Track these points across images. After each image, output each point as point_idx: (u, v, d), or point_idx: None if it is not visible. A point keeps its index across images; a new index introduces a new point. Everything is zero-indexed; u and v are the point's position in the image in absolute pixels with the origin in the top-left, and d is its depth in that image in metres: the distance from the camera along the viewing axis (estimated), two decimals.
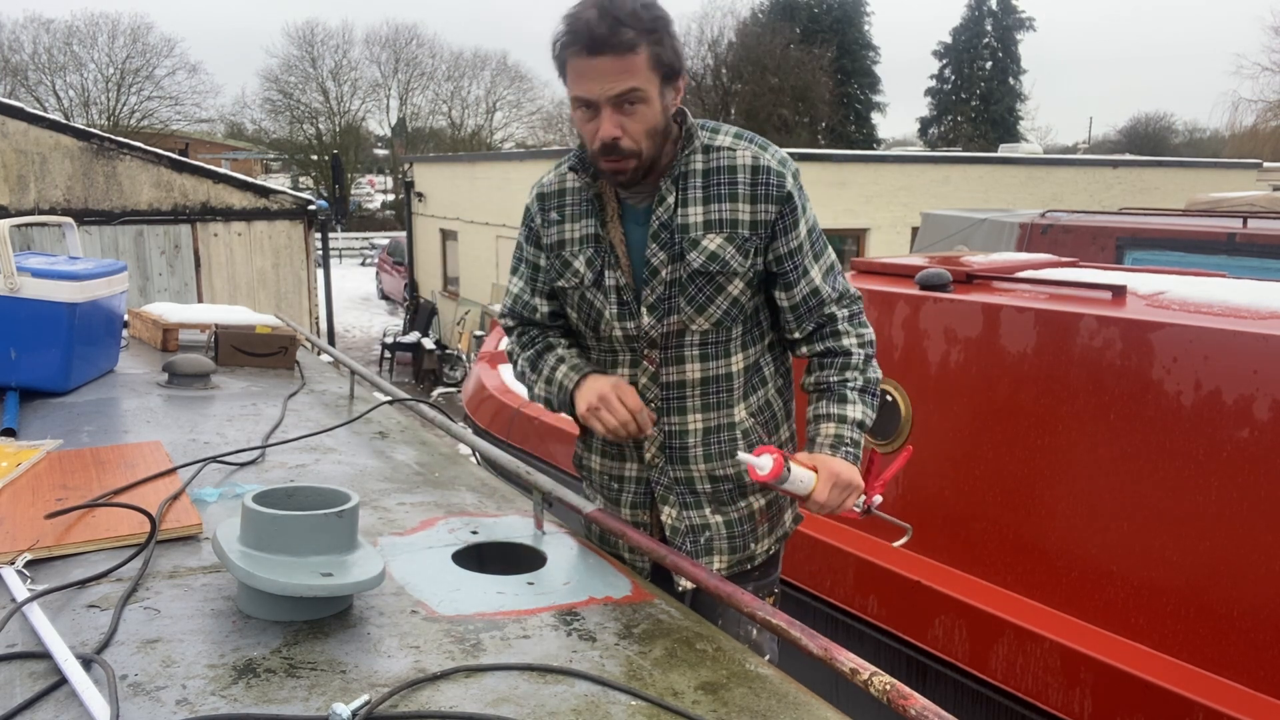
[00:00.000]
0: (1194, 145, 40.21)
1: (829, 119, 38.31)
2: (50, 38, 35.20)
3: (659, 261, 1.81)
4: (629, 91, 1.67)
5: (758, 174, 1.79)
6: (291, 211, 10.83)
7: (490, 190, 15.48)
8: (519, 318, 2.05)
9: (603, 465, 2.02)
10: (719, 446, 1.90)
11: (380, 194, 43.35)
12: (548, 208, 1.93)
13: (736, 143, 1.81)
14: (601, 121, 1.69)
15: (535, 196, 1.96)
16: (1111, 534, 2.46)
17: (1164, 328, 2.40)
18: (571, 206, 1.90)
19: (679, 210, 1.80)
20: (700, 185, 1.80)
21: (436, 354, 15.10)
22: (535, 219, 1.95)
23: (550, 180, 1.95)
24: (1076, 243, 6.08)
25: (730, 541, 1.94)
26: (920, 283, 3.06)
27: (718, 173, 1.79)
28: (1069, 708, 2.40)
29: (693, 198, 1.80)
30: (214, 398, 3.00)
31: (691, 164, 1.80)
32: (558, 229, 1.91)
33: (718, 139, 1.82)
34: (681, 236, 1.79)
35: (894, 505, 2.98)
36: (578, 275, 1.88)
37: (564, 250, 1.90)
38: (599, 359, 1.96)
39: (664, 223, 1.80)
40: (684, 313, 1.82)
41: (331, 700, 1.24)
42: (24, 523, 1.77)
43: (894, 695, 1.17)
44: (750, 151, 1.80)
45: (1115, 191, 14.71)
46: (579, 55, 1.65)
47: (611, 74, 1.65)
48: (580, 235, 1.88)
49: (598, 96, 1.67)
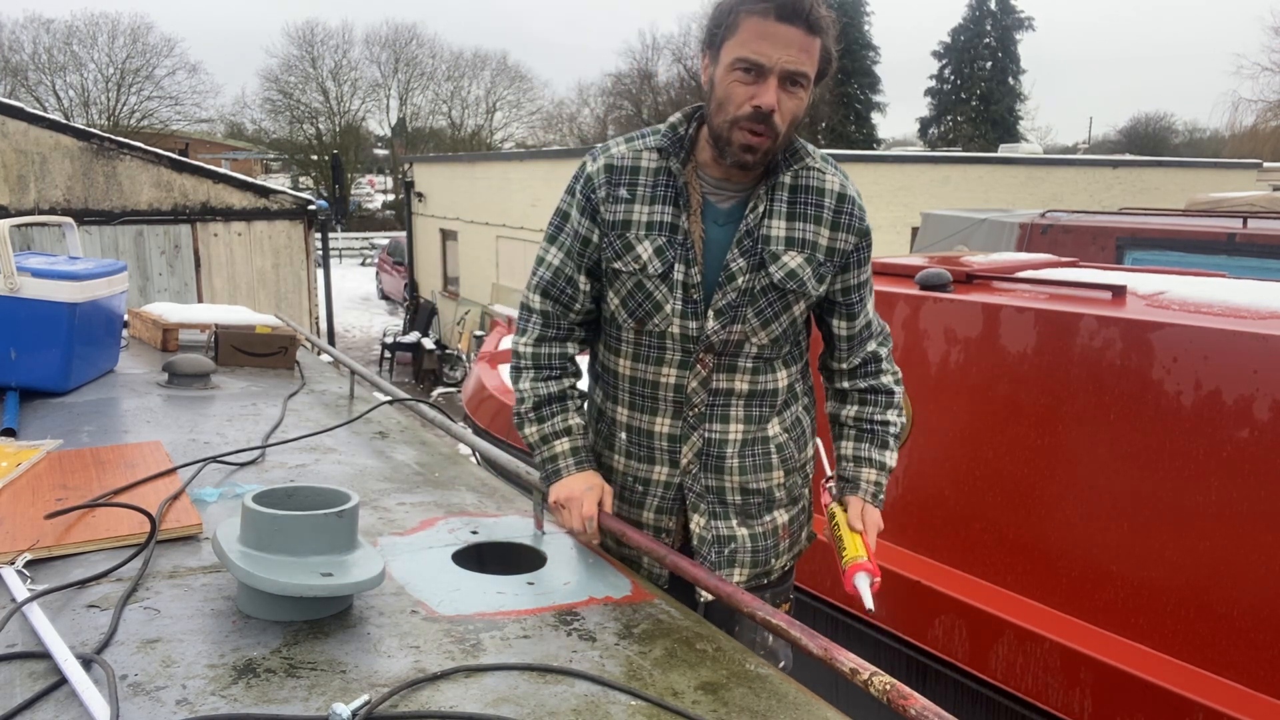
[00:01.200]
0: (1194, 145, 40.22)
1: (829, 119, 38.31)
2: (50, 38, 35.27)
3: (738, 268, 1.75)
4: (801, 74, 1.63)
5: (843, 202, 1.78)
6: (291, 211, 10.83)
7: (490, 190, 15.48)
8: (554, 300, 1.87)
9: (627, 466, 1.92)
10: (754, 459, 1.88)
11: (380, 194, 43.36)
12: (616, 182, 1.79)
13: (825, 166, 1.81)
14: (767, 88, 1.62)
15: (602, 166, 1.81)
16: (1111, 534, 2.45)
17: (1164, 328, 2.40)
18: (645, 188, 1.78)
19: (766, 220, 1.76)
20: (786, 200, 1.77)
21: (436, 354, 15.11)
22: (598, 190, 1.79)
23: (623, 153, 1.81)
24: (1076, 243, 6.08)
25: (753, 555, 1.93)
26: (920, 283, 3.06)
27: (805, 191, 1.77)
28: (1069, 708, 2.40)
29: (779, 210, 1.76)
30: (214, 398, 3.00)
31: (782, 176, 1.77)
32: (625, 207, 1.78)
33: (808, 159, 1.80)
34: (764, 248, 1.75)
35: (894, 505, 2.98)
36: (639, 262, 1.77)
37: (628, 231, 1.78)
38: (635, 354, 1.86)
39: (750, 230, 1.75)
40: (749, 324, 1.78)
41: (331, 700, 1.24)
42: (24, 523, 1.77)
43: (894, 695, 1.17)
44: (838, 179, 1.80)
45: (1115, 191, 14.71)
46: (765, 16, 1.59)
47: (795, 46, 1.61)
48: (651, 220, 1.77)
49: (774, 64, 1.61)
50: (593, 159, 1.84)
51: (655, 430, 1.87)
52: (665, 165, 1.78)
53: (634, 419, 1.90)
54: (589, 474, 1.86)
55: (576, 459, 1.86)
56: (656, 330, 1.81)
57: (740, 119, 1.64)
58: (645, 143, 1.82)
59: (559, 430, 1.87)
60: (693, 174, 1.78)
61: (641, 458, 1.90)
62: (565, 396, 1.90)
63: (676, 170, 1.77)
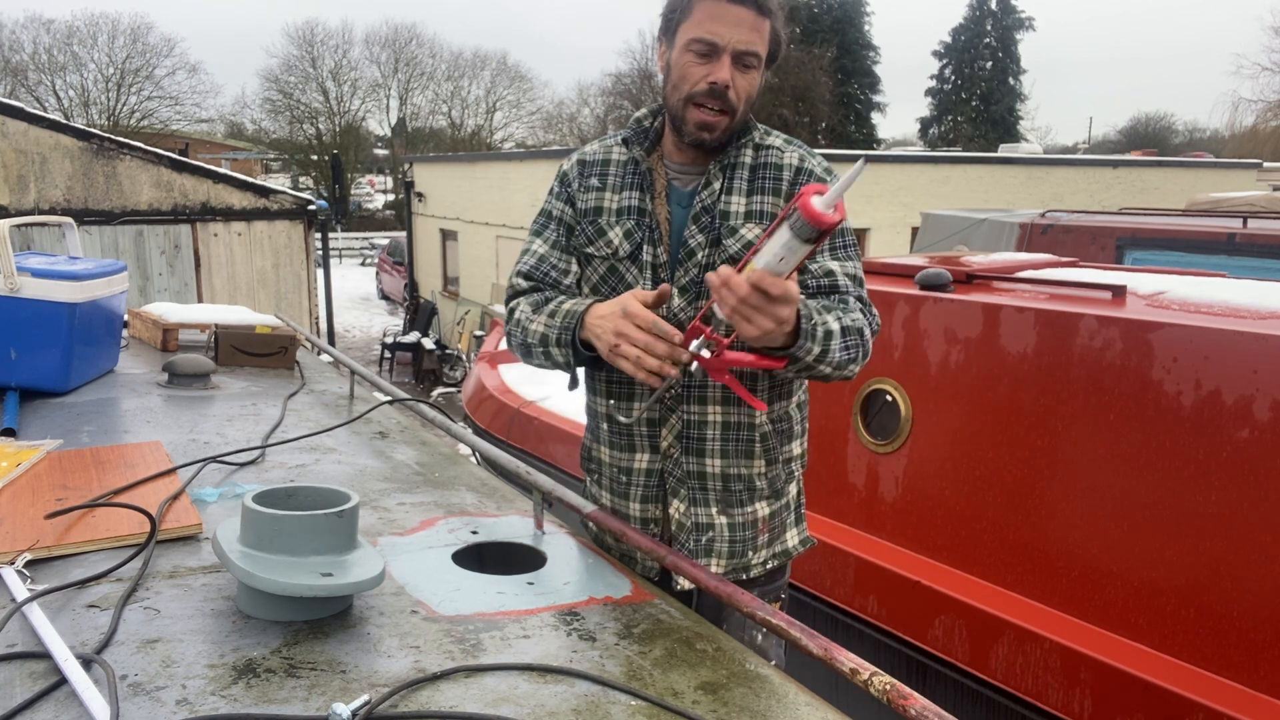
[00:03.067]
0: (1194, 145, 40.19)
1: (829, 119, 38.31)
2: (50, 38, 35.28)
3: (696, 244, 1.82)
4: (753, 53, 1.71)
5: (800, 174, 1.83)
6: (291, 211, 10.83)
7: (490, 190, 15.48)
8: (537, 281, 1.90)
9: (612, 457, 1.97)
10: (736, 444, 1.89)
11: (380, 194, 43.37)
12: (587, 174, 1.93)
13: (786, 145, 1.87)
14: (721, 65, 1.70)
15: (575, 163, 1.95)
16: (1111, 534, 2.45)
17: (1164, 328, 2.40)
18: (614, 177, 1.90)
19: (722, 197, 1.82)
20: (746, 178, 1.83)
21: (436, 354, 15.11)
22: (572, 184, 1.94)
23: (594, 150, 1.96)
24: (1076, 243, 6.08)
25: (730, 545, 1.93)
26: (920, 283, 3.06)
27: (764, 169, 1.84)
28: (1069, 708, 2.40)
29: (737, 188, 1.83)
30: (214, 398, 3.00)
31: (742, 156, 1.84)
32: (595, 195, 1.90)
33: (769, 139, 1.87)
34: (721, 222, 1.81)
35: (894, 505, 2.99)
36: (610, 245, 1.87)
37: (599, 218, 1.89)
38: None
39: (706, 206, 1.82)
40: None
41: (331, 700, 1.23)
42: (24, 523, 1.77)
43: (894, 695, 1.17)
44: (798, 154, 1.86)
45: (1115, 191, 14.72)
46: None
47: (746, 26, 1.69)
48: (620, 206, 1.88)
49: (726, 42, 1.69)
50: (568, 160, 1.98)
51: (634, 417, 1.88)
52: (631, 155, 1.90)
53: (613, 407, 1.92)
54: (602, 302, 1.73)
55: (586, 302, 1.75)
56: None
57: (696, 95, 1.73)
58: (615, 139, 1.95)
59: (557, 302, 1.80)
60: (658, 161, 1.88)
61: (623, 446, 1.94)
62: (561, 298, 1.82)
63: (640, 157, 1.88)
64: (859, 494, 3.08)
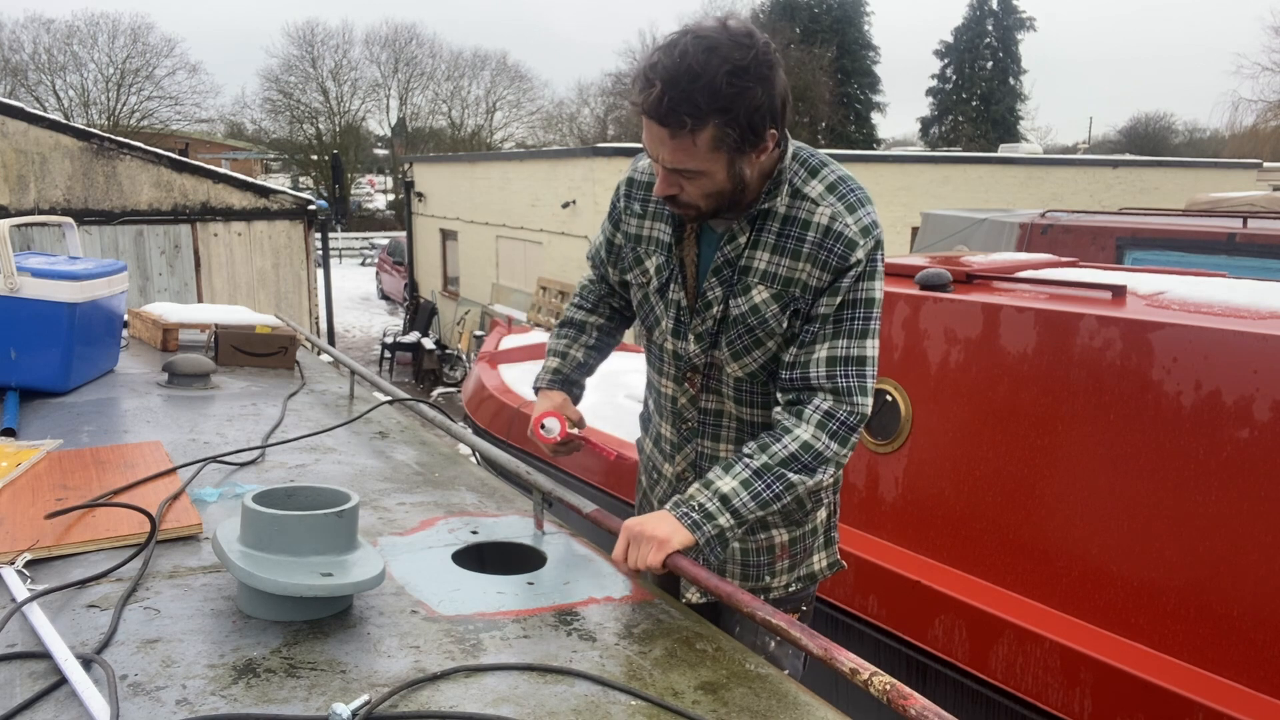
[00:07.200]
0: (1194, 145, 40.23)
1: (829, 119, 38.32)
2: (50, 38, 35.23)
3: (714, 297, 1.75)
4: (682, 170, 1.60)
5: (828, 237, 1.66)
6: (291, 211, 10.83)
7: (490, 190, 15.47)
8: (593, 267, 2.08)
9: (651, 452, 2.05)
10: None
11: (380, 194, 43.36)
12: (633, 195, 1.89)
13: (823, 197, 1.68)
14: (661, 180, 1.64)
15: (626, 179, 1.92)
16: (1111, 534, 2.45)
17: (1164, 328, 2.40)
18: (655, 204, 1.84)
19: (748, 251, 1.71)
20: (775, 230, 1.69)
21: (436, 354, 15.10)
22: (619, 201, 1.92)
23: (643, 169, 1.87)
24: (1076, 243, 6.08)
25: (744, 569, 1.93)
26: (920, 283, 3.06)
27: (793, 223, 1.68)
28: (1069, 708, 2.40)
29: (764, 241, 1.70)
30: (214, 398, 3.00)
31: (776, 205, 1.69)
32: (637, 222, 1.87)
33: (808, 186, 1.69)
34: (741, 279, 1.72)
35: (894, 505, 2.99)
36: (646, 275, 1.86)
37: (638, 246, 1.87)
38: (650, 361, 1.97)
39: (729, 259, 1.73)
40: (724, 352, 1.78)
41: (331, 700, 1.24)
42: (24, 523, 1.77)
43: (894, 695, 1.17)
44: (831, 211, 1.67)
45: (1115, 191, 14.72)
46: (643, 114, 1.56)
47: (668, 148, 1.57)
48: (654, 237, 1.84)
49: (660, 159, 1.61)
50: (627, 169, 1.95)
51: (662, 432, 1.99)
52: None
53: (653, 416, 2.03)
54: (553, 393, 2.00)
55: (550, 378, 2.02)
56: (657, 343, 1.91)
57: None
58: None
59: (557, 351, 2.05)
60: None
61: (663, 452, 2.01)
62: (583, 328, 2.06)
63: None
64: (859, 494, 3.08)
